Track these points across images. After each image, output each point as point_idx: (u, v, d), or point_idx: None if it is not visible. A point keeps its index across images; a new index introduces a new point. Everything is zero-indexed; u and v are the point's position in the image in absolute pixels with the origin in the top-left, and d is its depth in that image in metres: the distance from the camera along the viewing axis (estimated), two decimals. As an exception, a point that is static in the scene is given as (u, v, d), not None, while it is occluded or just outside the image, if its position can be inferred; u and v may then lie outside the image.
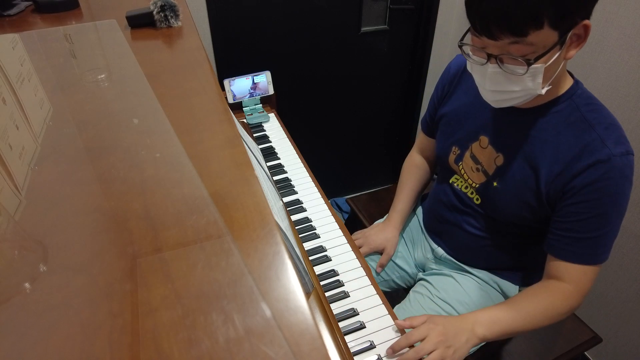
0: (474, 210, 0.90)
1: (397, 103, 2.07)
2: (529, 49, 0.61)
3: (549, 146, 0.73)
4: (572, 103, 0.72)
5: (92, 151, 0.55)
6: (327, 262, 0.85)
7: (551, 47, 0.61)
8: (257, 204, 0.46)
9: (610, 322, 1.34)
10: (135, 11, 0.95)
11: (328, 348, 0.51)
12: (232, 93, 1.29)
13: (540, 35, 0.59)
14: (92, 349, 0.32)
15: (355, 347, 0.70)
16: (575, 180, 0.69)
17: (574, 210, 0.71)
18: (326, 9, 1.65)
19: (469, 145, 0.86)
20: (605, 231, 0.71)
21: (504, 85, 0.67)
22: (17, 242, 0.43)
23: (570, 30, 0.61)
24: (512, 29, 0.59)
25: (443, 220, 0.98)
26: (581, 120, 0.70)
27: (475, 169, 0.86)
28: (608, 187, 0.67)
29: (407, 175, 1.11)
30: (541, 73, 0.64)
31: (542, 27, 0.59)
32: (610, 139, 0.67)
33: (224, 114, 0.64)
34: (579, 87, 0.73)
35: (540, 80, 0.65)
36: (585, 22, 0.61)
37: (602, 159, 0.66)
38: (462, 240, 0.95)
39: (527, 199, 0.77)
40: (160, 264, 0.39)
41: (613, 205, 0.69)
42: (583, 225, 0.71)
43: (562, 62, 0.66)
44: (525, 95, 0.68)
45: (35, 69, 0.75)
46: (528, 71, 0.63)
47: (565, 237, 0.73)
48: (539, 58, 0.61)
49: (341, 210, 2.14)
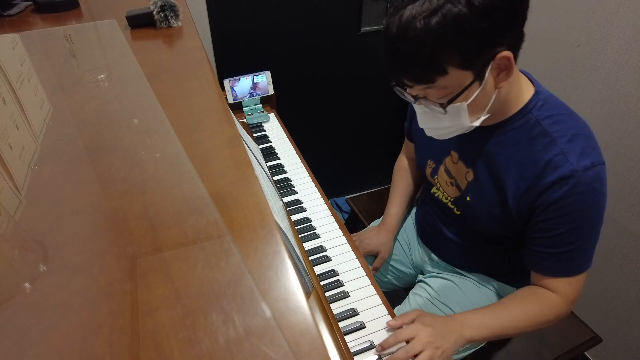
0: (456, 220, 0.90)
1: (397, 103, 2.07)
2: (444, 92, 0.62)
3: (514, 163, 0.71)
4: (532, 117, 0.69)
5: (92, 151, 0.55)
6: (327, 262, 0.85)
7: (467, 86, 0.61)
8: (257, 204, 0.46)
9: (610, 322, 1.34)
10: (135, 11, 0.95)
11: (328, 348, 0.51)
12: (232, 93, 1.29)
13: (449, 79, 0.60)
14: (92, 349, 0.32)
15: (355, 347, 0.70)
16: (541, 198, 0.68)
17: (545, 227, 0.70)
18: (326, 9, 1.65)
19: (443, 159, 0.87)
20: (580, 244, 0.69)
21: (435, 122, 0.69)
22: (17, 242, 0.43)
23: (488, 65, 0.60)
24: (417, 80, 0.62)
25: (430, 229, 0.99)
26: (543, 134, 0.68)
27: (449, 182, 0.86)
28: (575, 202, 0.65)
29: (398, 178, 1.12)
30: (465, 110, 0.64)
31: (447, 73, 0.59)
32: (573, 153, 0.65)
33: (224, 114, 0.64)
34: (540, 97, 0.70)
35: (466, 116, 0.65)
36: (505, 53, 0.59)
37: (565, 174, 0.64)
38: (449, 248, 0.95)
39: (497, 213, 0.76)
40: (160, 264, 0.39)
41: (584, 218, 0.67)
42: (556, 240, 0.70)
43: (493, 91, 0.64)
44: (460, 129, 0.69)
45: (35, 69, 0.75)
46: (447, 112, 0.64)
47: (541, 253, 0.73)
48: (453, 99, 0.62)
49: (341, 210, 2.14)
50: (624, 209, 1.20)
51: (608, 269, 1.30)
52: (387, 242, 1.04)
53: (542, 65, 1.35)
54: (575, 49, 1.22)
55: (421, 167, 0.94)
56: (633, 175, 1.15)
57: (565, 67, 1.27)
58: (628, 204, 1.18)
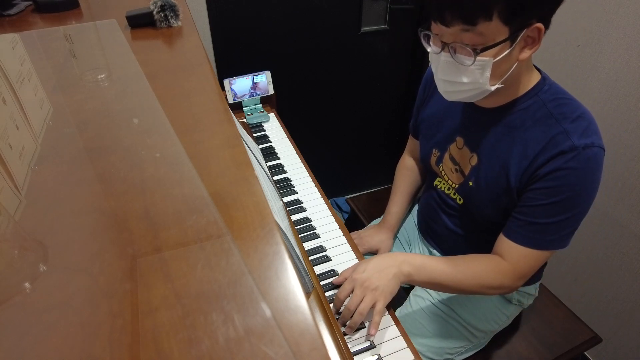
0: (458, 211, 0.90)
1: (397, 103, 2.07)
2: (479, 39, 0.63)
3: (518, 143, 0.73)
4: (538, 100, 0.72)
5: (92, 151, 0.55)
6: (327, 262, 0.85)
7: (501, 41, 0.62)
8: (257, 204, 0.46)
9: (610, 322, 1.34)
10: (135, 11, 0.95)
11: (328, 348, 0.51)
12: (232, 93, 1.29)
13: (489, 27, 0.61)
14: (92, 349, 0.32)
15: (355, 347, 0.70)
16: (539, 170, 0.70)
17: (532, 196, 0.72)
18: (326, 9, 1.65)
19: (447, 147, 0.88)
20: (558, 219, 0.70)
21: (454, 75, 0.69)
22: (17, 242, 0.43)
23: (522, 30, 0.62)
24: (462, 16, 0.62)
25: (432, 222, 0.99)
26: (548, 116, 0.71)
27: (454, 169, 0.87)
28: (567, 176, 0.67)
29: (400, 178, 1.12)
30: (489, 67, 0.65)
31: (491, 19, 0.60)
32: (575, 132, 0.67)
33: (224, 114, 0.64)
34: (546, 82, 0.73)
35: (488, 75, 0.66)
36: (539, 24, 0.62)
37: (564, 149, 0.67)
38: (452, 241, 0.95)
39: (500, 196, 0.77)
40: (160, 264, 0.39)
41: (572, 195, 0.68)
42: (537, 210, 0.71)
43: (514, 61, 0.67)
44: (474, 89, 0.69)
45: (35, 69, 0.75)
46: (475, 62, 0.64)
47: (517, 220, 0.74)
48: (486, 49, 0.63)
49: (341, 210, 2.14)
50: (624, 209, 1.20)
51: (608, 269, 1.30)
52: (387, 240, 1.05)
53: (542, 65, 1.35)
54: (575, 49, 1.22)
55: (426, 158, 0.94)
56: (633, 175, 1.15)
57: (565, 67, 1.27)
58: (628, 204, 1.19)
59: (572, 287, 1.44)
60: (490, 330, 0.95)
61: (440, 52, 0.68)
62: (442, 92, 0.74)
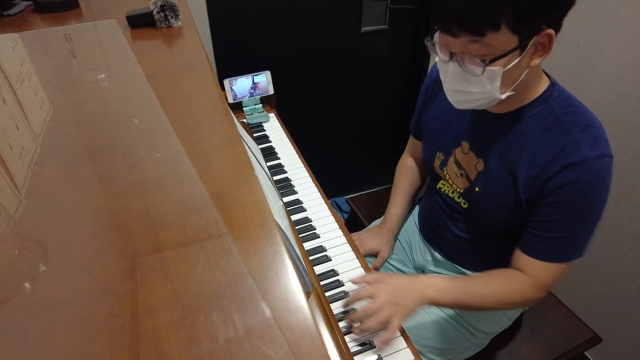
0: (463, 215, 0.90)
1: (397, 103, 2.07)
2: (487, 50, 0.62)
3: (527, 151, 0.72)
4: (547, 107, 0.71)
5: (92, 151, 0.55)
6: (327, 262, 0.85)
7: (510, 50, 0.61)
8: (257, 204, 0.46)
9: (610, 322, 1.34)
10: (135, 11, 0.95)
11: (328, 348, 0.51)
12: (232, 93, 1.29)
13: (498, 37, 0.60)
14: (92, 349, 0.32)
15: (355, 347, 0.70)
16: (550, 182, 0.69)
17: (547, 211, 0.71)
18: (326, 9, 1.65)
19: (452, 150, 0.87)
20: (574, 232, 0.70)
21: (463, 85, 0.68)
22: (17, 242, 0.43)
23: (532, 37, 0.61)
24: (469, 28, 0.61)
25: (435, 225, 0.99)
26: (557, 123, 0.70)
27: (459, 174, 0.86)
28: (581, 189, 0.67)
29: (400, 178, 1.11)
30: (499, 77, 0.64)
31: (499, 30, 0.59)
32: (586, 142, 0.66)
33: (224, 114, 0.64)
34: (556, 89, 0.72)
35: (498, 84, 0.65)
36: (549, 31, 0.61)
37: (575, 161, 0.66)
38: (455, 244, 0.95)
39: (507, 203, 0.77)
40: (160, 263, 0.39)
41: (586, 207, 0.68)
42: (552, 225, 0.71)
43: (525, 69, 0.66)
44: (484, 98, 0.68)
45: (35, 69, 0.75)
46: (485, 72, 0.63)
47: (533, 235, 0.74)
48: (495, 60, 0.62)
49: (341, 210, 2.14)
50: (624, 208, 1.20)
51: (608, 269, 1.30)
52: (388, 242, 1.04)
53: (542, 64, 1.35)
54: (575, 49, 1.22)
55: (429, 161, 0.93)
56: (633, 175, 1.15)
57: (565, 67, 1.27)
58: (628, 204, 1.19)
59: (572, 287, 1.44)
60: (491, 331, 0.95)
61: (448, 61, 0.67)
62: (452, 102, 0.73)
